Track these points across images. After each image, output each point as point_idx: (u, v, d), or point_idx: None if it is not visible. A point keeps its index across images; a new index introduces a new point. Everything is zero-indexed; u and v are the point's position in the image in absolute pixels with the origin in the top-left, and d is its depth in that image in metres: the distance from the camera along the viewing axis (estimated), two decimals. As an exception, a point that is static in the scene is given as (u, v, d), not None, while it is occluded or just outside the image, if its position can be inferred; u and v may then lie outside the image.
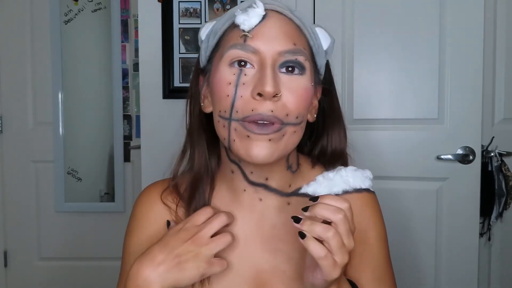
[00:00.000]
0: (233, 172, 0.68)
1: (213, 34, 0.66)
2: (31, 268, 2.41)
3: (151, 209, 0.71)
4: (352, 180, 0.68)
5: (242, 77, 0.60)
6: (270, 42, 0.61)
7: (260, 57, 0.60)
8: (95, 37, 2.41)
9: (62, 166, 2.38)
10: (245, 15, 0.61)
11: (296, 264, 0.67)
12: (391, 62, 1.59)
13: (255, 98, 0.59)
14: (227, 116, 0.61)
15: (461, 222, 1.56)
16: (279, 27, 0.62)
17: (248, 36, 0.61)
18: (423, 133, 1.58)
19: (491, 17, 1.62)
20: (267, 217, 0.68)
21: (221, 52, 0.64)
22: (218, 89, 0.62)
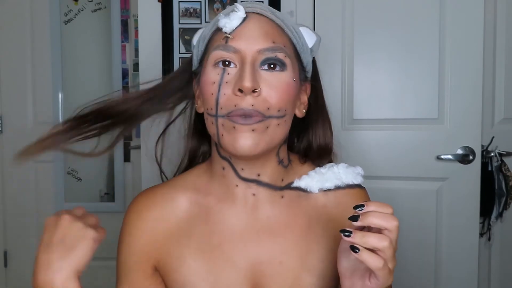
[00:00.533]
0: (224, 168, 0.70)
1: (202, 39, 0.70)
2: (31, 268, 2.40)
3: (140, 217, 0.72)
4: (344, 176, 0.70)
5: (225, 76, 0.64)
6: (250, 41, 0.64)
7: (241, 56, 0.64)
8: (95, 37, 2.41)
9: (62, 166, 2.38)
10: (227, 19, 0.65)
11: (292, 255, 0.68)
12: (391, 62, 1.59)
13: (236, 94, 0.62)
14: (213, 113, 0.64)
15: (461, 222, 1.56)
16: (259, 28, 0.65)
17: (229, 37, 0.64)
18: (423, 133, 1.58)
19: (491, 17, 1.62)
20: (261, 210, 0.70)
21: (207, 55, 0.67)
22: (204, 89, 0.66)
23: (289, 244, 0.68)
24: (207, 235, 0.69)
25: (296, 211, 0.70)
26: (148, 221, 0.71)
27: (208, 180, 0.72)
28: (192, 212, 0.71)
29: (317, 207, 0.71)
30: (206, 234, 0.69)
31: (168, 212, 0.71)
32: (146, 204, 0.72)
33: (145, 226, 0.71)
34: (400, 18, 1.57)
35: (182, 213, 0.71)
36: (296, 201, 0.71)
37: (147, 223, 0.71)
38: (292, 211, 0.70)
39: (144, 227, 0.71)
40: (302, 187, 0.71)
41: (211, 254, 0.68)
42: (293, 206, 0.71)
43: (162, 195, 0.72)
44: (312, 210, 0.71)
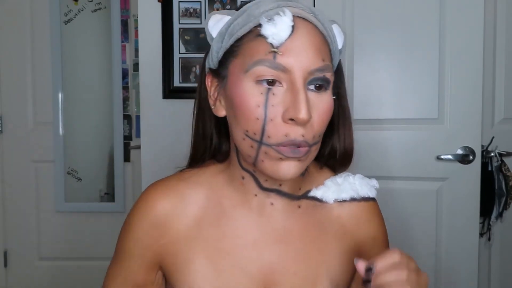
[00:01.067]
0: (244, 178, 0.67)
1: (229, 34, 0.61)
2: (31, 268, 2.41)
3: (151, 210, 0.69)
4: (360, 188, 0.69)
5: (270, 97, 0.57)
6: (300, 59, 0.57)
7: (291, 76, 0.57)
8: (95, 37, 2.41)
9: (62, 166, 2.38)
10: (273, 27, 0.56)
11: (306, 264, 0.67)
12: (391, 62, 1.59)
13: (286, 122, 0.57)
14: (257, 139, 0.58)
15: (461, 222, 1.56)
16: (309, 42, 0.58)
17: (278, 53, 0.56)
18: (423, 133, 1.58)
19: (491, 18, 1.62)
20: (277, 220, 0.68)
21: (242, 61, 0.60)
22: (244, 109, 0.58)
23: (303, 254, 0.67)
24: (217, 239, 0.67)
25: (311, 221, 0.69)
26: (157, 215, 0.68)
27: (224, 182, 0.69)
28: (204, 212, 0.68)
29: (332, 217, 0.71)
30: (216, 237, 0.67)
31: (179, 208, 0.68)
32: (158, 197, 0.69)
33: (154, 220, 0.68)
34: (400, 18, 1.57)
35: (193, 212, 0.68)
36: (312, 210, 0.70)
37: (157, 216, 0.68)
38: (307, 221, 0.69)
39: (153, 220, 0.68)
40: (318, 197, 0.69)
41: (220, 259, 0.66)
42: (309, 216, 0.69)
43: (175, 190, 0.69)
44: (326, 220, 0.70)
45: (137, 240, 0.69)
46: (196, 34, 1.74)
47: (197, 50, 1.75)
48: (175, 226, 0.68)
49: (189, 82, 1.76)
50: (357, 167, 0.73)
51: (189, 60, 1.76)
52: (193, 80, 1.76)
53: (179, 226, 0.68)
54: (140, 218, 0.69)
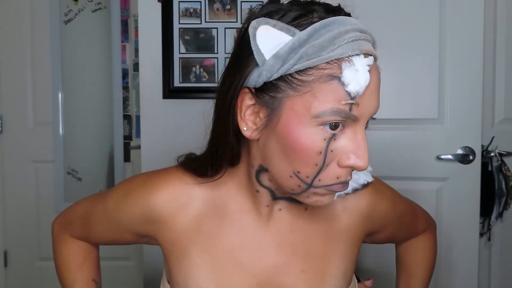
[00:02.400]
0: (259, 191, 0.65)
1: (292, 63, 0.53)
2: (31, 268, 2.41)
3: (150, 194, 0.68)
4: (357, 177, 0.71)
5: (331, 143, 0.54)
6: (371, 107, 0.55)
7: (355, 123, 0.55)
8: (95, 37, 2.41)
9: (62, 166, 2.38)
10: (353, 74, 0.52)
11: (313, 261, 0.68)
12: (391, 62, 1.59)
13: (342, 167, 0.56)
14: (309, 182, 0.57)
15: (461, 222, 1.56)
16: (377, 84, 0.56)
17: (356, 105, 0.53)
18: (423, 133, 1.58)
19: (491, 17, 1.62)
20: (284, 224, 0.68)
21: (309, 104, 0.53)
22: (303, 154, 0.54)
23: (311, 252, 0.68)
24: (217, 236, 0.67)
25: (318, 220, 0.70)
26: (155, 205, 0.67)
27: (233, 187, 0.67)
28: (207, 209, 0.67)
29: (337, 213, 0.72)
30: (216, 235, 0.67)
31: (180, 202, 0.67)
32: (161, 189, 0.67)
33: (150, 208, 0.67)
34: (400, 18, 1.57)
35: (196, 207, 0.67)
36: (317, 210, 0.71)
37: (154, 206, 0.67)
38: (314, 221, 0.70)
39: (149, 208, 0.67)
40: None
41: (220, 257, 0.66)
42: (315, 216, 0.70)
43: (181, 183, 0.68)
44: (332, 217, 0.71)
45: (129, 215, 0.70)
46: (196, 34, 1.74)
47: (197, 50, 1.75)
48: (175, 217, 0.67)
49: (189, 82, 1.76)
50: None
51: (189, 60, 1.76)
52: (193, 80, 1.76)
53: (180, 217, 0.67)
54: (138, 199, 0.69)
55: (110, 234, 0.76)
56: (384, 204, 0.76)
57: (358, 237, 0.73)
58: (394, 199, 0.79)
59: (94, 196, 0.80)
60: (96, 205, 0.77)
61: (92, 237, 0.79)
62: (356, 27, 0.55)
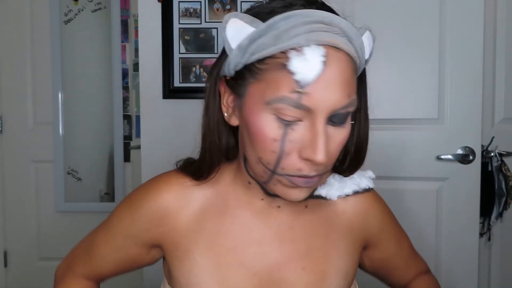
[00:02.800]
0: (250, 183, 0.67)
1: (251, 52, 0.56)
2: (31, 268, 2.41)
3: (152, 199, 0.69)
4: (360, 180, 0.72)
5: (289, 132, 0.55)
6: (327, 99, 0.53)
7: (312, 115, 0.54)
8: (95, 37, 2.41)
9: (62, 166, 2.38)
10: (302, 63, 0.52)
11: (315, 259, 0.68)
12: (391, 62, 1.59)
13: (302, 158, 0.55)
14: (271, 168, 0.57)
15: (461, 222, 1.56)
16: (338, 76, 0.54)
17: (304, 94, 0.52)
18: (423, 133, 1.58)
19: (491, 17, 1.61)
20: (284, 221, 0.69)
21: (263, 90, 0.55)
22: (260, 140, 0.56)
23: (312, 250, 0.69)
24: (220, 234, 0.67)
25: (318, 218, 0.71)
26: (159, 206, 0.68)
27: (231, 181, 0.69)
28: (208, 207, 0.68)
29: (338, 213, 0.72)
30: (218, 233, 0.67)
31: (183, 201, 0.68)
32: (164, 188, 0.68)
33: (156, 209, 0.68)
34: (400, 18, 1.57)
35: (197, 206, 0.68)
36: (318, 208, 0.71)
37: (158, 207, 0.68)
38: (315, 219, 0.70)
39: (154, 209, 0.68)
40: (323, 196, 0.70)
41: (222, 255, 0.66)
42: (316, 214, 0.71)
43: (182, 183, 0.69)
44: (333, 217, 0.72)
45: (135, 222, 0.69)
46: (196, 34, 1.75)
47: (197, 50, 1.75)
48: (177, 217, 0.68)
49: (189, 82, 1.76)
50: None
51: (189, 60, 1.76)
52: (193, 80, 1.76)
53: (182, 217, 0.68)
54: (142, 204, 0.69)
55: (115, 255, 0.73)
56: (382, 213, 0.77)
57: (358, 241, 0.74)
58: (391, 216, 0.80)
59: (95, 228, 0.79)
60: (98, 231, 0.76)
61: (95, 267, 0.76)
62: (320, 19, 0.54)
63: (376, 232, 0.76)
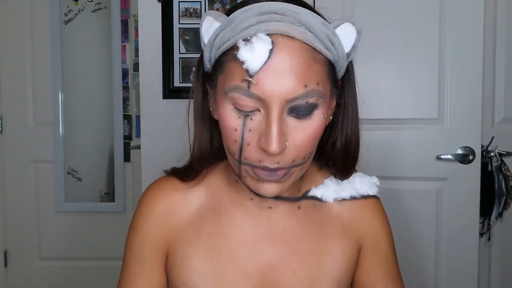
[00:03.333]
0: (238, 182, 0.67)
1: (215, 47, 0.58)
2: (31, 268, 2.41)
3: (153, 209, 0.69)
4: (360, 186, 0.70)
5: (248, 123, 0.56)
6: (278, 88, 0.53)
7: (266, 104, 0.54)
8: (95, 37, 2.41)
9: (62, 166, 2.38)
10: (249, 52, 0.53)
11: (306, 264, 0.66)
12: (391, 62, 1.59)
13: (261, 148, 0.56)
14: (237, 158, 0.58)
15: (461, 222, 1.56)
16: (289, 65, 0.53)
17: (253, 83, 0.53)
18: (423, 133, 1.58)
19: (491, 17, 1.62)
20: (277, 222, 0.67)
21: (223, 81, 0.57)
22: (225, 130, 0.58)
23: (303, 253, 0.67)
24: (217, 237, 0.67)
25: (312, 221, 0.68)
26: (159, 213, 0.68)
27: (223, 182, 0.69)
28: (204, 210, 0.68)
29: (332, 216, 0.70)
30: (215, 236, 0.67)
31: (179, 205, 0.68)
32: (158, 195, 0.69)
33: (157, 218, 0.68)
34: (400, 18, 1.57)
35: (194, 209, 0.68)
36: (312, 210, 0.69)
37: (159, 215, 0.68)
38: (308, 221, 0.68)
39: (156, 219, 0.68)
40: (318, 197, 0.69)
41: (219, 258, 0.66)
42: (309, 216, 0.69)
43: (176, 188, 0.69)
44: (327, 220, 0.69)
45: (146, 242, 0.68)
46: (196, 34, 1.75)
47: (197, 50, 1.75)
48: (176, 224, 0.68)
49: (189, 82, 1.76)
50: (357, 167, 0.72)
51: (189, 60, 1.76)
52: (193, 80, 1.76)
53: (180, 222, 0.68)
54: (144, 220, 0.69)
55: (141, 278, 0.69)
56: (379, 224, 0.72)
57: (353, 249, 0.70)
58: (389, 236, 0.74)
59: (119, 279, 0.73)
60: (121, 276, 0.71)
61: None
62: (273, 10, 0.55)
63: (369, 239, 0.71)
